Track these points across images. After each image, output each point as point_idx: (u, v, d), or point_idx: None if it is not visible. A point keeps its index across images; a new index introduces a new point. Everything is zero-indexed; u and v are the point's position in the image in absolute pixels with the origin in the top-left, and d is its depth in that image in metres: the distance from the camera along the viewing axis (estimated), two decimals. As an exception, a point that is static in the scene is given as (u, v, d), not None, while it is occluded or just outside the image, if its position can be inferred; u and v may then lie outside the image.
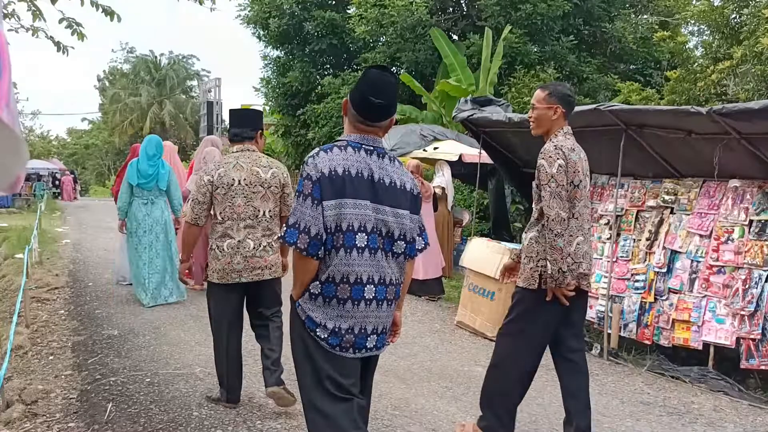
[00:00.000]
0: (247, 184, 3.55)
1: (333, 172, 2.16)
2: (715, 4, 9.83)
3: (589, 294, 3.32)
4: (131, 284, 6.55)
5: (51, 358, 4.48)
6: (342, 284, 2.18)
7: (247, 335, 3.86)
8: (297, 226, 2.15)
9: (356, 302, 2.20)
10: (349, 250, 2.17)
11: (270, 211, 3.63)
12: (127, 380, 4.02)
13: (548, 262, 3.01)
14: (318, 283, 2.20)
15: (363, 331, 2.24)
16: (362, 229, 2.18)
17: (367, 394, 2.41)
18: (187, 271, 4.02)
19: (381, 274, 2.24)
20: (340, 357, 2.22)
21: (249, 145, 3.69)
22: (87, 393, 3.79)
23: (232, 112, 3.88)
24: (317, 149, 2.26)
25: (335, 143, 2.27)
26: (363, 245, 2.19)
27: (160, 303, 6.11)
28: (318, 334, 2.21)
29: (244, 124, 3.72)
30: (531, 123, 3.25)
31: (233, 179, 3.53)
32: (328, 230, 2.16)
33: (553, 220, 2.99)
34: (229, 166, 3.57)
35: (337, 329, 2.20)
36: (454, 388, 4.20)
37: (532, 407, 3.92)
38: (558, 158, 3.03)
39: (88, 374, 4.12)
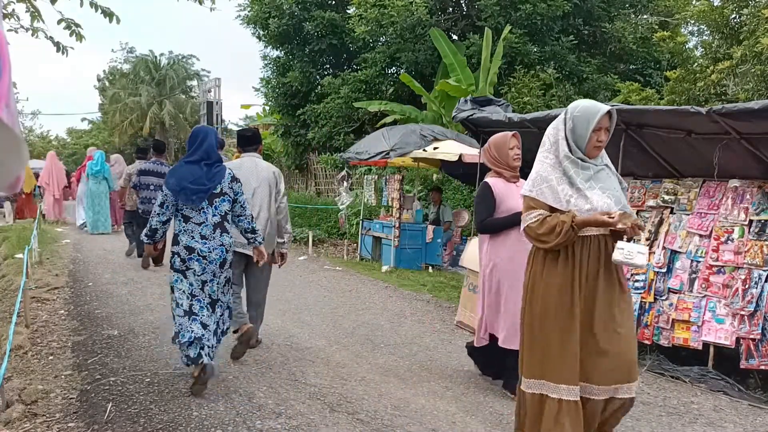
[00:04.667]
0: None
1: (143, 169, 8.44)
2: (715, 4, 9.82)
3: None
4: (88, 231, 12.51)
5: (51, 358, 4.48)
6: (143, 191, 8.45)
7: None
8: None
9: (147, 201, 8.27)
10: (144, 189, 8.33)
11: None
12: (127, 380, 4.02)
13: None
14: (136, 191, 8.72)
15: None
16: (152, 183, 8.22)
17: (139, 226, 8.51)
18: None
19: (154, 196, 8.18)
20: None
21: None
22: (87, 393, 3.79)
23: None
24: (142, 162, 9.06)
25: (151, 160, 8.84)
26: (153, 189, 8.15)
27: (99, 232, 12.34)
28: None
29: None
30: None
31: None
32: (140, 185, 8.43)
33: None
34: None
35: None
36: (454, 388, 4.20)
37: (532, 407, 3.91)
38: None
39: (88, 374, 4.12)
